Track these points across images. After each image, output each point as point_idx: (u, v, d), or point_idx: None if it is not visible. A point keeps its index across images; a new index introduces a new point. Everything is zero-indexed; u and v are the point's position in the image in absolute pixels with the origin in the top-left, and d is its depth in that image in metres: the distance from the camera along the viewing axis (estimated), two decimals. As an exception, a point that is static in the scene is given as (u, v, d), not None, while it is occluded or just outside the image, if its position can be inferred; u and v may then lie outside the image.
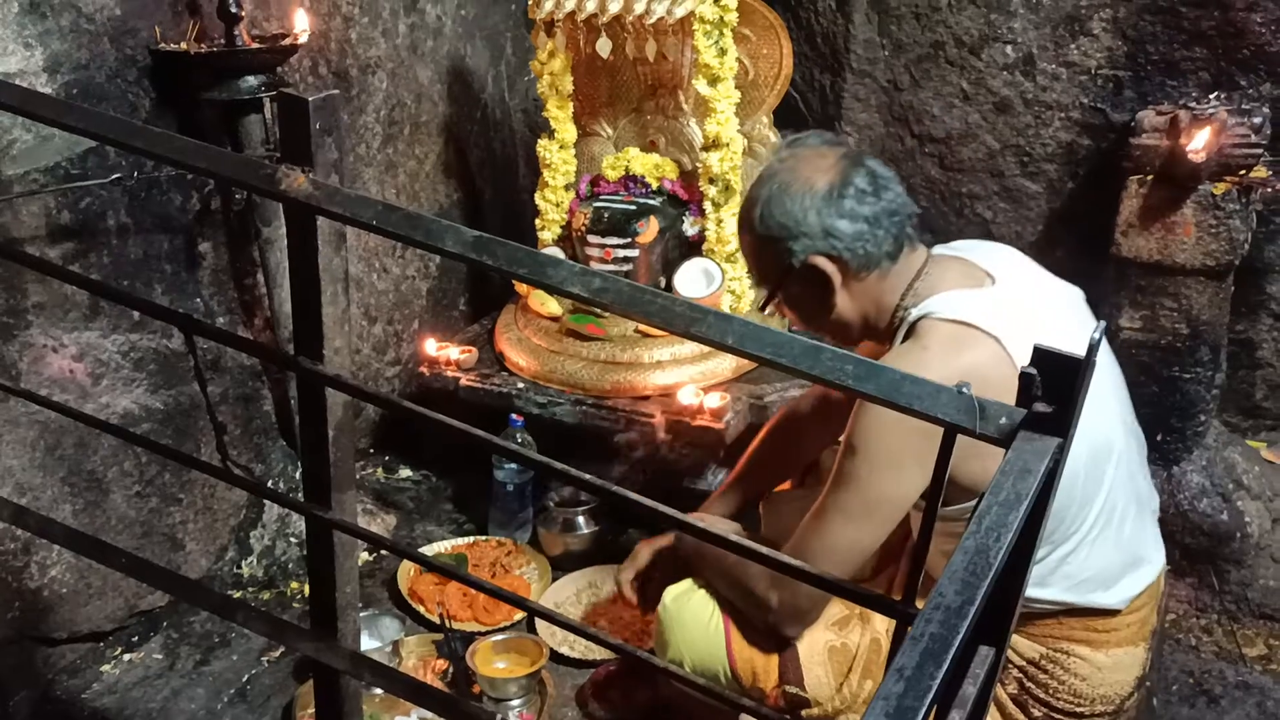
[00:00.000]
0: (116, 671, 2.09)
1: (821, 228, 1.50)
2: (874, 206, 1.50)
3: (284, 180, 1.07)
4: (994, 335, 1.39)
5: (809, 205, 1.50)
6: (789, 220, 1.51)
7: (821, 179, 1.51)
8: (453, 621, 2.19)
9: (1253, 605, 2.36)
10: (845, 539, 1.45)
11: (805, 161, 1.54)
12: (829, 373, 0.88)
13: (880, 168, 1.54)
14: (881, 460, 1.40)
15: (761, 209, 1.53)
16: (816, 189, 1.50)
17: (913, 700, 0.56)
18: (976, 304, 1.45)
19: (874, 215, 1.50)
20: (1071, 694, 1.52)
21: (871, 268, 1.52)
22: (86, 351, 1.98)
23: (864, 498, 1.43)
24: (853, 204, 1.49)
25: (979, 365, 1.37)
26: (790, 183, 1.52)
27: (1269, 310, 2.52)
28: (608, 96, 2.70)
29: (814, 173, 1.52)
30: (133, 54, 1.98)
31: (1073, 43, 2.49)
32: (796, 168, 1.53)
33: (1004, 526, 0.69)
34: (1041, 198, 2.65)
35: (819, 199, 1.49)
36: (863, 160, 1.54)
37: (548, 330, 2.56)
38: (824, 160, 1.53)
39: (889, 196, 1.51)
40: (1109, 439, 1.49)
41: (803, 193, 1.50)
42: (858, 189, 1.50)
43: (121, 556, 1.43)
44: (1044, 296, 1.56)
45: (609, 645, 1.21)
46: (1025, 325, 1.40)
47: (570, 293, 0.98)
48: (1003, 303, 1.47)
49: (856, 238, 1.50)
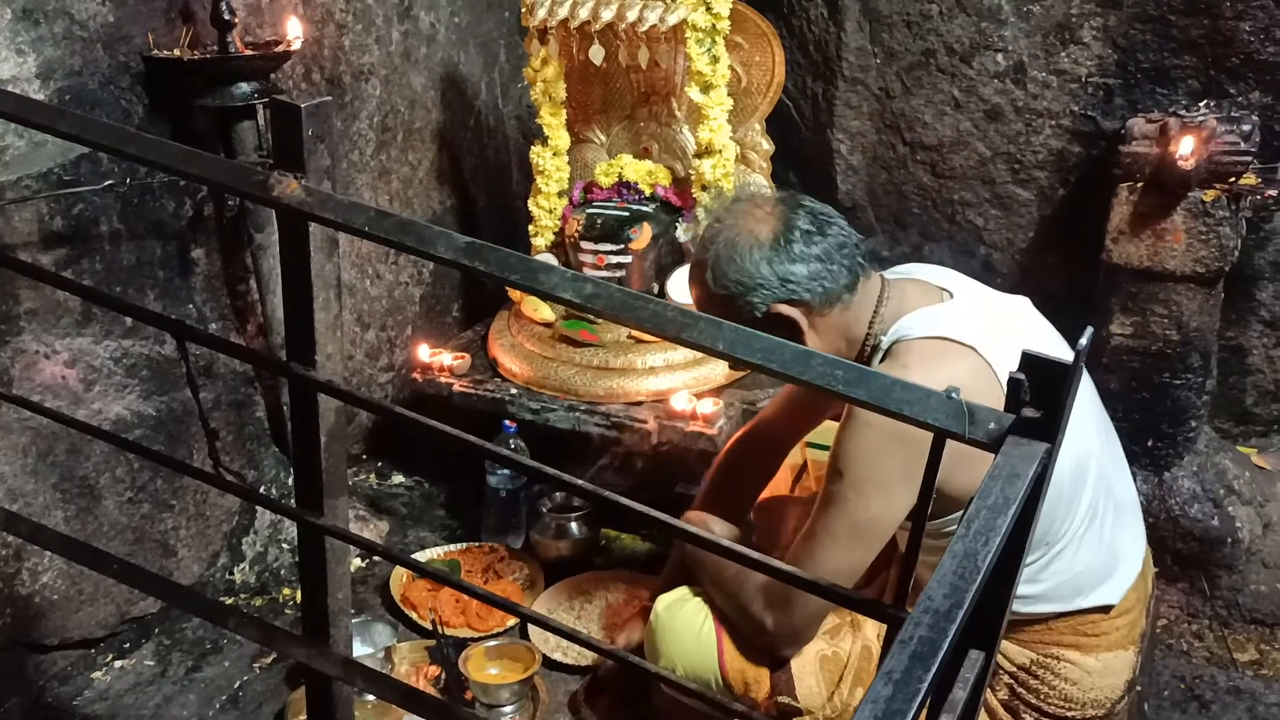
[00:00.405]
0: (108, 678, 2.08)
1: (776, 276, 1.51)
2: (822, 244, 1.52)
3: (277, 187, 1.08)
4: (970, 345, 1.41)
5: (759, 257, 1.51)
6: (743, 275, 1.52)
7: (764, 229, 1.52)
8: (445, 627, 2.19)
9: (1244, 610, 2.37)
10: (836, 561, 1.45)
11: (744, 215, 1.55)
12: (820, 378, 0.88)
13: (817, 205, 1.56)
14: (868, 482, 1.41)
15: (713, 270, 1.54)
16: (762, 240, 1.52)
17: (901, 703, 0.56)
18: (945, 318, 1.47)
19: (824, 253, 1.52)
20: (1062, 699, 1.52)
21: (833, 303, 1.54)
22: (79, 358, 1.97)
23: (851, 520, 1.43)
24: (800, 247, 1.51)
25: (960, 376, 1.38)
26: (735, 239, 1.53)
27: (1259, 317, 2.53)
28: (601, 103, 2.71)
29: (755, 224, 1.53)
30: (126, 61, 1.98)
31: (1063, 51, 2.51)
32: (737, 223, 1.55)
33: (992, 530, 0.69)
34: (1032, 205, 2.66)
35: (767, 249, 1.51)
36: (799, 201, 1.56)
37: (541, 336, 2.56)
38: (761, 210, 1.55)
39: (833, 231, 1.53)
40: (1087, 443, 1.51)
41: (750, 246, 1.52)
42: (802, 231, 1.52)
43: (114, 562, 1.43)
44: (1000, 307, 1.59)
45: (602, 651, 1.22)
46: (994, 334, 1.43)
47: (562, 298, 0.98)
48: (967, 314, 1.49)
49: (812, 278, 1.51)
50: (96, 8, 1.90)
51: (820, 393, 0.88)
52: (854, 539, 1.44)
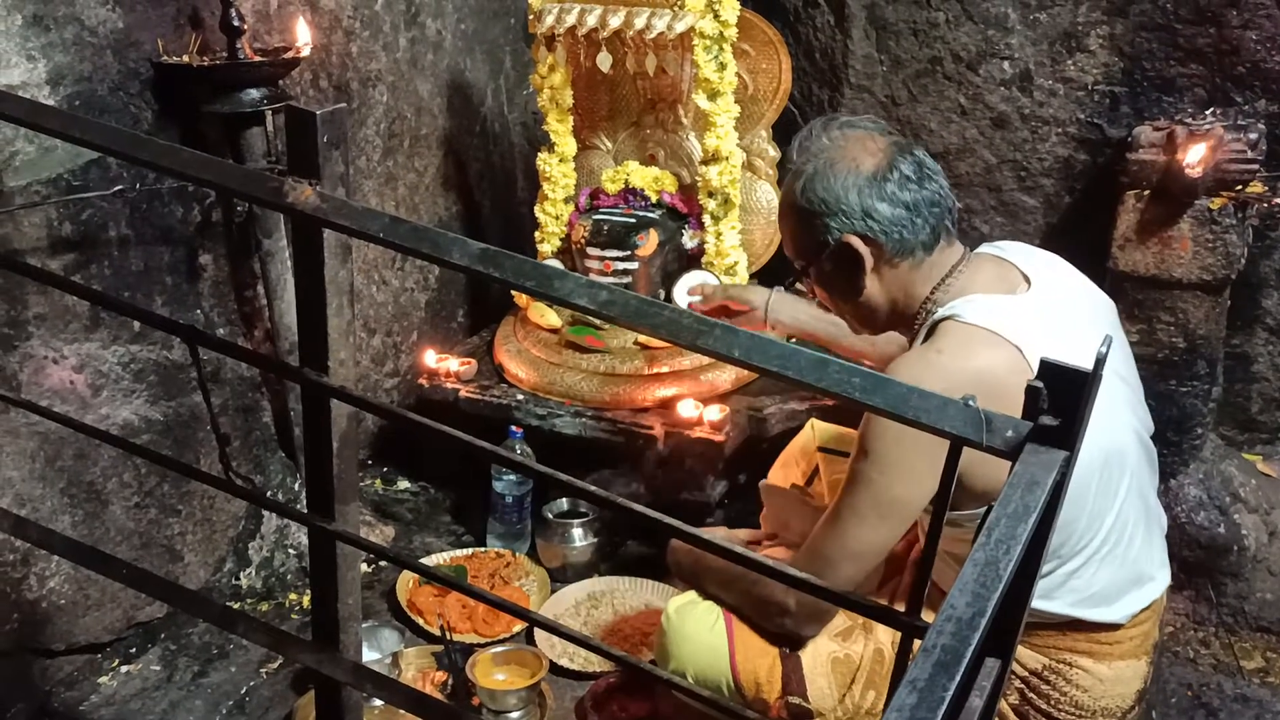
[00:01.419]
0: (114, 683, 2.08)
1: (861, 208, 1.52)
2: (915, 194, 1.52)
3: (291, 193, 1.08)
4: (1014, 343, 1.39)
5: (851, 184, 1.52)
6: (830, 196, 1.53)
7: (868, 160, 1.53)
8: (452, 633, 2.19)
9: (1250, 618, 2.37)
10: (860, 541, 1.45)
11: (855, 143, 1.56)
12: (836, 385, 0.88)
13: (928, 159, 1.57)
14: (893, 462, 1.40)
15: (805, 182, 1.56)
16: (862, 169, 1.52)
17: (925, 712, 0.56)
18: (1002, 310, 1.45)
19: (914, 203, 1.52)
20: (1073, 705, 1.52)
21: (905, 255, 1.54)
22: (87, 363, 1.98)
23: (876, 499, 1.43)
24: (895, 189, 1.51)
25: (993, 370, 1.37)
26: (836, 160, 1.54)
27: (1265, 324, 2.53)
28: (607, 110, 2.71)
29: (862, 154, 1.54)
30: (135, 67, 1.98)
31: (1069, 59, 2.51)
32: (846, 147, 1.55)
33: (1013, 539, 0.69)
34: (1038, 212, 2.66)
35: (863, 179, 1.52)
36: (912, 149, 1.56)
37: (547, 342, 2.57)
38: (873, 143, 1.55)
39: (932, 187, 1.53)
40: (1123, 451, 1.48)
41: (847, 171, 1.52)
42: (902, 174, 1.52)
43: (122, 567, 1.43)
44: (1076, 307, 1.55)
45: (610, 656, 1.21)
46: (1050, 334, 1.40)
47: (577, 305, 0.98)
48: (1030, 310, 1.46)
49: (894, 222, 1.52)
50: (106, 14, 1.91)
51: (836, 400, 0.88)
52: (879, 518, 1.43)
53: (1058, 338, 1.37)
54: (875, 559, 1.48)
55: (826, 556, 1.45)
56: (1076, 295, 1.59)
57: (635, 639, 2.18)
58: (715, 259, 2.49)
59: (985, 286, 1.52)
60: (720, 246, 2.47)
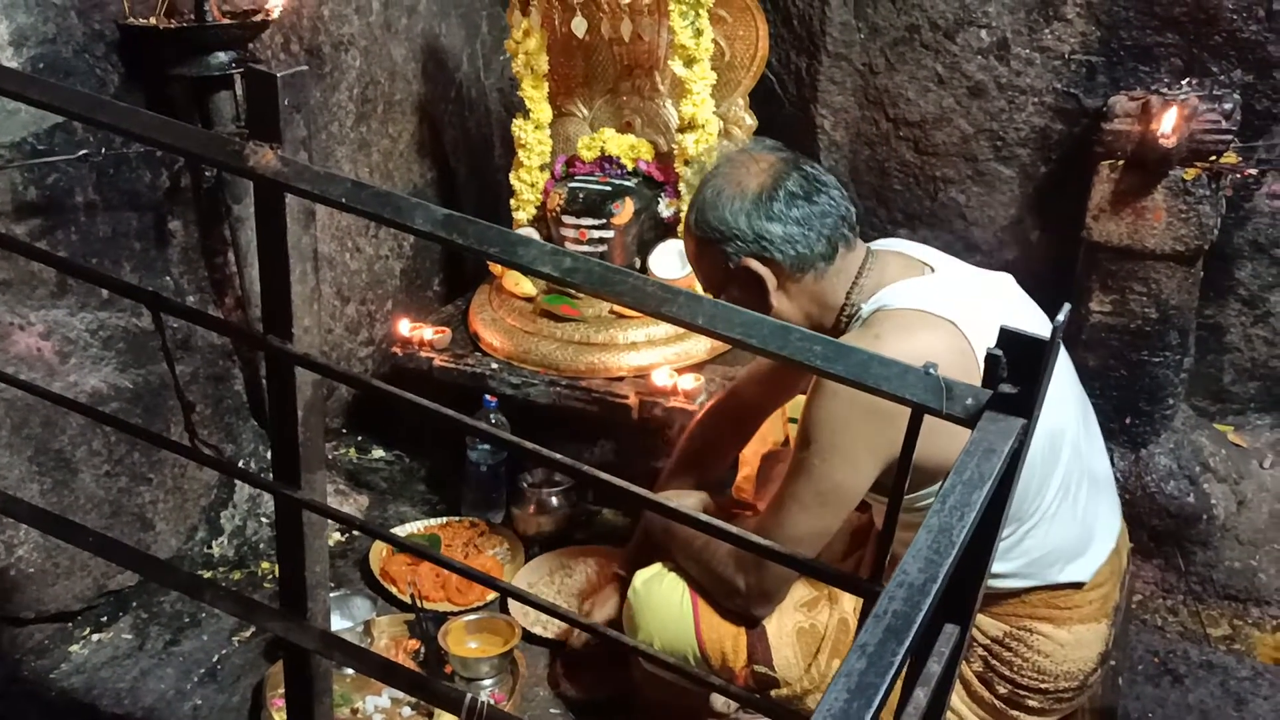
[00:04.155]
0: (85, 651, 2.08)
1: (752, 231, 1.53)
2: (805, 209, 1.53)
3: (252, 157, 1.06)
4: (948, 319, 1.41)
5: (739, 209, 1.53)
6: (721, 224, 1.54)
7: (753, 182, 1.54)
8: (424, 601, 2.19)
9: (1218, 586, 2.39)
10: (801, 527, 1.47)
11: (741, 166, 1.57)
12: (798, 353, 0.88)
13: (815, 170, 1.57)
14: (834, 451, 1.42)
15: (697, 213, 1.58)
16: (747, 192, 1.54)
17: (874, 676, 0.56)
18: (926, 291, 1.48)
19: (804, 218, 1.53)
20: (1035, 670, 1.54)
21: (806, 269, 1.55)
22: (54, 329, 1.95)
23: (817, 488, 1.45)
24: (782, 207, 1.52)
25: (934, 348, 1.38)
26: (724, 187, 1.55)
27: (1238, 295, 2.54)
28: (583, 77, 2.69)
29: (747, 176, 1.55)
30: (101, 29, 1.95)
31: (1047, 28, 2.50)
32: (732, 172, 1.57)
33: (968, 505, 0.69)
34: (1014, 182, 2.66)
35: (748, 203, 1.53)
36: (798, 164, 1.56)
37: (522, 311, 2.56)
38: (758, 164, 1.56)
39: (823, 200, 1.54)
40: (1063, 418, 1.52)
41: (733, 196, 1.54)
42: (788, 192, 1.53)
43: (89, 535, 1.42)
44: (982, 283, 1.60)
45: (580, 625, 1.22)
46: (974, 309, 1.44)
47: (541, 272, 0.98)
48: (948, 289, 1.50)
49: (787, 240, 1.53)
50: (70, -26, 1.87)
51: (797, 368, 0.88)
52: (819, 506, 1.46)
53: (982, 311, 1.43)
54: (817, 546, 1.51)
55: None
56: (977, 274, 1.63)
57: (609, 607, 2.19)
58: (691, 228, 2.48)
59: (898, 275, 1.55)
60: (696, 215, 2.46)
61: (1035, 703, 1.57)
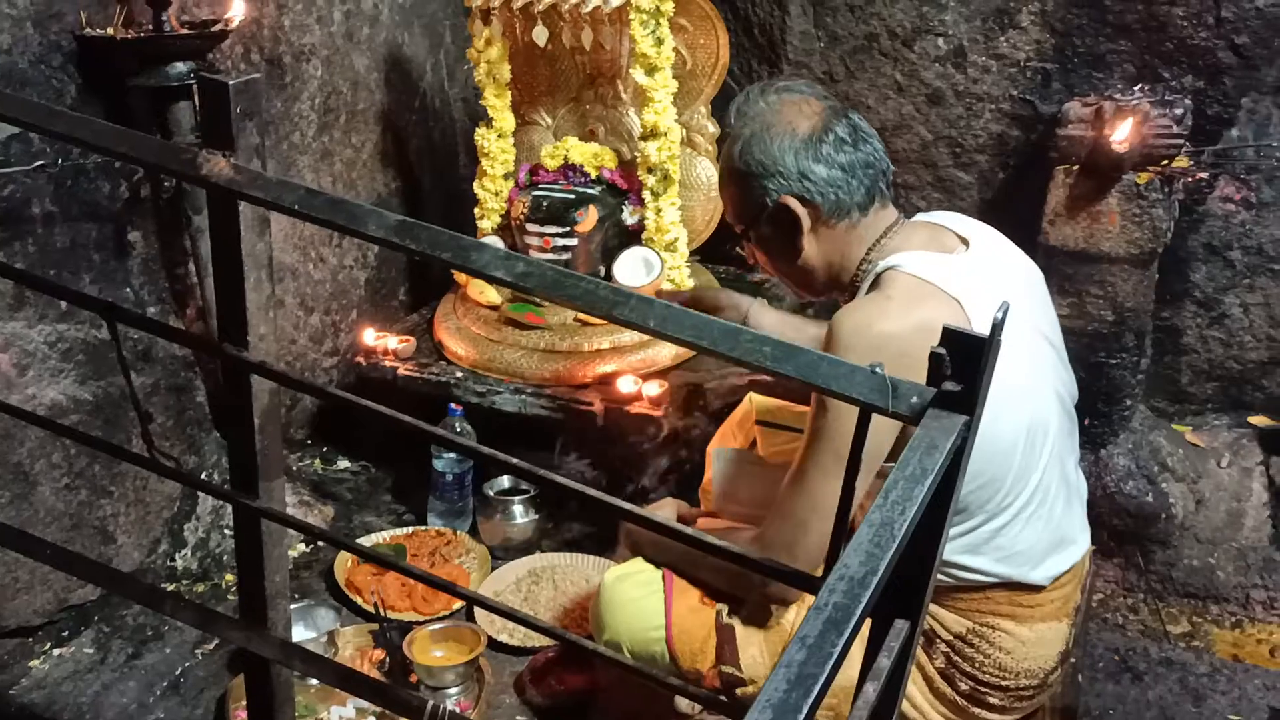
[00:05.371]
0: (46, 666, 2.05)
1: (798, 169, 1.55)
2: (850, 155, 1.55)
3: (205, 165, 1.06)
4: (955, 297, 1.42)
5: (788, 146, 1.55)
6: (767, 159, 1.56)
7: (804, 123, 1.56)
8: (391, 611, 2.18)
9: (1177, 584, 2.43)
10: (828, 495, 1.43)
11: (791, 106, 1.59)
12: (748, 354, 0.89)
13: (862, 122, 1.60)
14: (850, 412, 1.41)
15: (742, 146, 1.59)
16: (798, 132, 1.56)
17: (813, 667, 0.57)
18: (941, 266, 1.48)
19: (849, 164, 1.55)
20: (997, 667, 1.55)
21: (841, 216, 1.56)
22: (11, 342, 1.94)
23: (839, 451, 1.43)
24: (830, 150, 1.54)
25: (936, 321, 1.38)
26: (773, 124, 1.57)
27: (1193, 297, 2.58)
28: (546, 85, 2.70)
29: (797, 117, 1.57)
30: (58, 40, 1.94)
31: (1002, 35, 2.54)
32: (782, 111, 1.58)
33: (909, 500, 0.70)
34: (973, 188, 2.69)
35: (799, 142, 1.55)
36: (846, 112, 1.59)
37: (487, 319, 2.56)
38: (809, 107, 1.59)
39: (867, 150, 1.57)
40: (1046, 419, 1.52)
41: (783, 134, 1.56)
42: (837, 137, 1.55)
43: (46, 548, 1.41)
44: (1013, 271, 1.61)
45: (545, 631, 1.22)
46: (988, 293, 1.43)
47: (494, 277, 0.99)
48: (968, 269, 1.49)
49: (830, 183, 1.55)
50: (25, -16, 1.86)
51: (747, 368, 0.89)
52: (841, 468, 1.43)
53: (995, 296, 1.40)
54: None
55: (796, 517, 1.46)
56: (1013, 260, 1.64)
57: (576, 614, 2.19)
58: (655, 235, 2.49)
59: (920, 246, 1.55)
60: (660, 222, 2.48)
61: (996, 700, 1.58)
